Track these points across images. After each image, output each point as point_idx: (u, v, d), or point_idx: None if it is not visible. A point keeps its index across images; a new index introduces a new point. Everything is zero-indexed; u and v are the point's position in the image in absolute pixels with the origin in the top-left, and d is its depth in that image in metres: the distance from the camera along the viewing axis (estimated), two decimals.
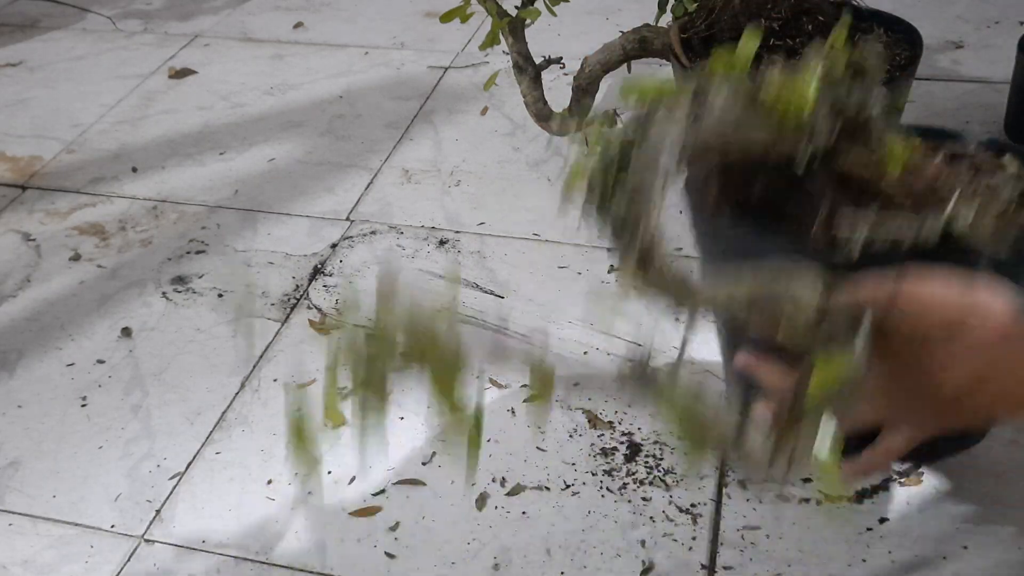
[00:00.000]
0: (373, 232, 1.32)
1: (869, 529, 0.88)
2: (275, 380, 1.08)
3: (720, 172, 0.71)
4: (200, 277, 1.25)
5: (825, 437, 0.53)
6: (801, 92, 0.60)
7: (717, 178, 0.71)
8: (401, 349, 0.54)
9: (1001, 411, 0.55)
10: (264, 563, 0.89)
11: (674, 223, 1.29)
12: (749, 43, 0.64)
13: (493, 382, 1.06)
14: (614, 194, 0.60)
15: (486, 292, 1.20)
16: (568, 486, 0.94)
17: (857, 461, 0.62)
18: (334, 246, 1.30)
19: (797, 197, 0.66)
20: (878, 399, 0.58)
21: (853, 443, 0.63)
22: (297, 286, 1.23)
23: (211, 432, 1.02)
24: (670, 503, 0.92)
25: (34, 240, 1.35)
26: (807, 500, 0.91)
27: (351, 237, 1.31)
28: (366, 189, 1.42)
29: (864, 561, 0.85)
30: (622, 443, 0.98)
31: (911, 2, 1.74)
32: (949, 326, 0.54)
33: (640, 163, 0.58)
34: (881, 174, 0.64)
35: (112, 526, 0.93)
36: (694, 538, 0.88)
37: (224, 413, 1.05)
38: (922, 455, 0.87)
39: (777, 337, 0.57)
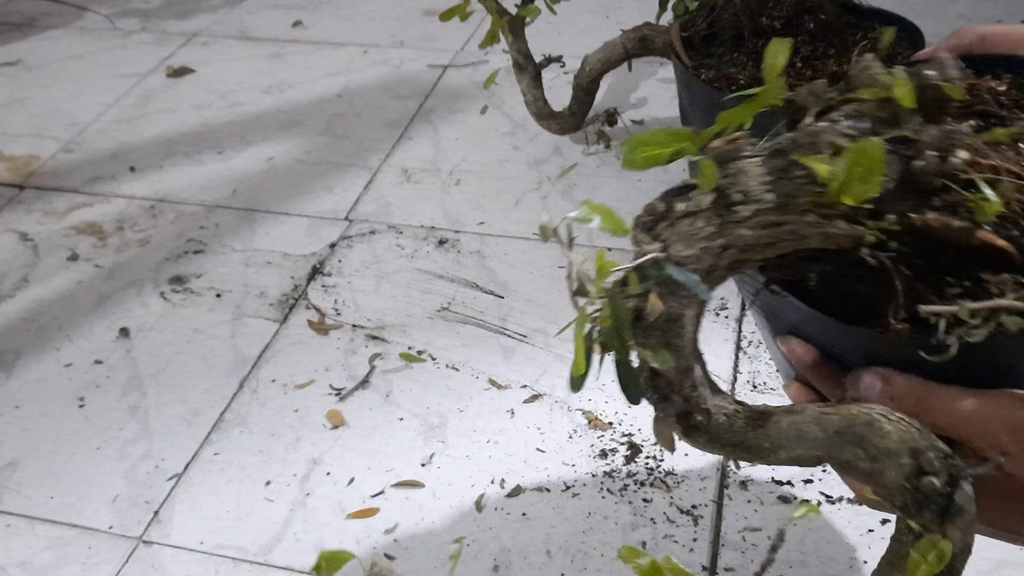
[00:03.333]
0: (372, 232, 1.32)
1: (871, 530, 0.88)
2: (273, 381, 1.08)
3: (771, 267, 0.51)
4: (198, 277, 1.25)
5: None
6: (869, 156, 0.42)
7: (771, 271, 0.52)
8: None
9: None
10: (263, 564, 0.88)
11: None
12: (778, 56, 0.45)
13: (493, 382, 1.06)
14: (633, 340, 0.45)
15: (486, 292, 1.19)
16: (568, 487, 0.94)
17: None
18: (333, 246, 1.29)
19: (866, 273, 0.47)
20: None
21: None
22: (295, 286, 1.22)
23: (209, 433, 1.02)
24: (671, 504, 0.91)
25: (31, 240, 1.35)
26: (808, 501, 0.90)
27: (350, 237, 1.31)
28: (365, 188, 1.42)
29: (866, 563, 0.85)
30: (622, 444, 0.97)
31: (913, 1, 1.73)
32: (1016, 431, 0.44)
33: (651, 300, 0.44)
34: (974, 229, 0.45)
35: (110, 527, 0.93)
36: (695, 539, 0.88)
37: (222, 414, 1.04)
38: None
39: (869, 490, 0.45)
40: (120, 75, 1.79)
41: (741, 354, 1.07)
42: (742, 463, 0.48)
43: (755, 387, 1.03)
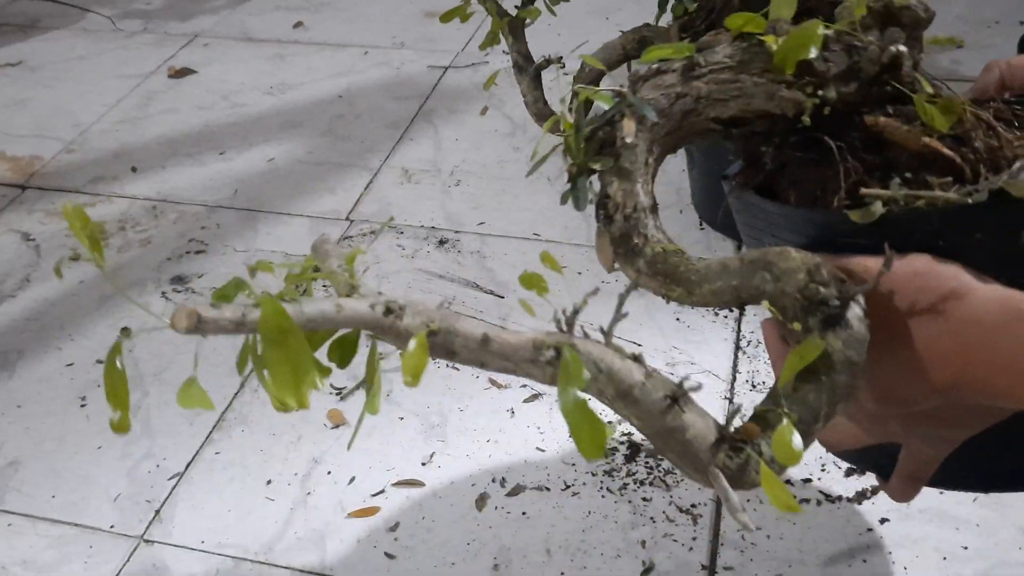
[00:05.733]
0: (373, 232, 1.32)
1: (870, 530, 0.88)
2: None
3: (746, 160, 0.60)
4: (200, 277, 1.25)
5: (787, 434, 0.46)
6: (807, 32, 0.51)
7: (743, 169, 0.61)
8: None
9: (999, 398, 0.50)
10: (263, 563, 0.89)
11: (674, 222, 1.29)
12: (782, 8, 0.54)
13: (492, 382, 1.06)
14: (594, 160, 0.53)
15: (486, 292, 1.19)
16: (568, 486, 0.94)
17: (891, 487, 0.59)
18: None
19: (821, 165, 0.55)
20: (861, 410, 0.54)
21: (887, 462, 0.59)
22: (296, 286, 1.22)
23: (211, 432, 1.02)
24: (670, 503, 0.91)
25: (34, 240, 1.35)
26: (807, 500, 0.91)
27: (351, 237, 1.31)
28: (366, 189, 1.42)
29: (864, 562, 0.85)
30: (622, 443, 0.98)
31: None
32: (940, 298, 0.49)
33: (624, 122, 0.52)
34: (920, 135, 0.52)
35: (111, 526, 0.93)
36: (694, 538, 0.88)
37: (223, 413, 1.05)
38: (979, 480, 0.71)
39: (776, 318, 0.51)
40: (122, 76, 1.80)
41: (740, 353, 1.08)
42: (670, 299, 0.52)
43: (754, 386, 1.03)
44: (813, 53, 0.51)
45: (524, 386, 1.05)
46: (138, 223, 1.38)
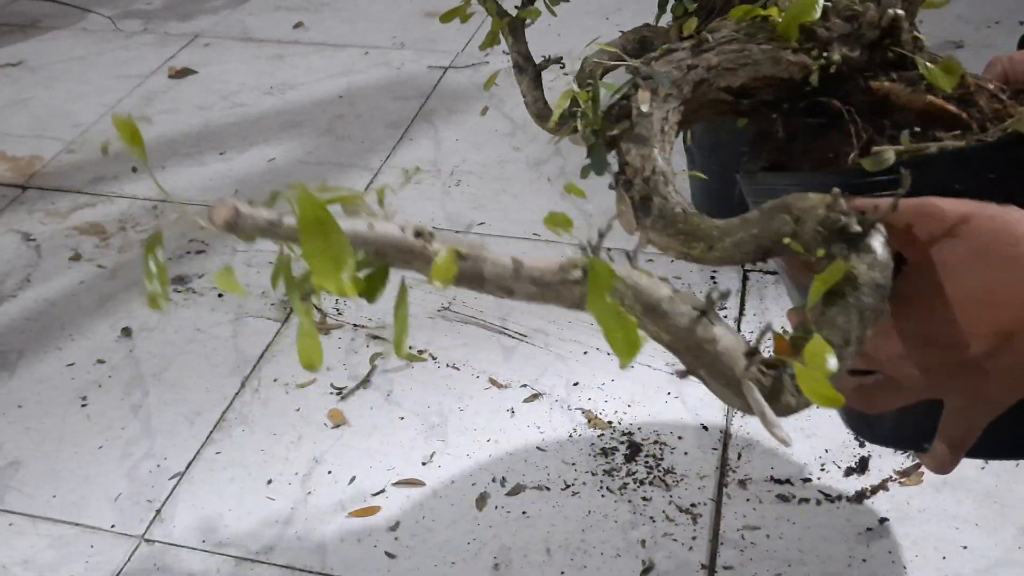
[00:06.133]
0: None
1: (869, 529, 0.88)
2: (275, 380, 1.08)
3: (754, 140, 0.62)
4: (200, 277, 1.25)
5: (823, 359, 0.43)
6: (808, 0, 0.54)
7: (752, 148, 0.63)
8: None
9: None
10: (264, 563, 0.89)
11: None
12: None
13: (493, 382, 1.06)
14: (611, 126, 0.54)
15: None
16: (568, 486, 0.94)
17: (933, 456, 0.56)
18: None
19: (830, 131, 0.57)
20: (903, 364, 0.51)
21: (926, 428, 0.56)
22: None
23: (211, 432, 1.02)
24: (670, 503, 0.92)
25: (34, 240, 1.35)
26: (807, 500, 0.91)
27: None
28: (366, 189, 1.42)
29: (864, 561, 0.85)
30: (622, 443, 0.98)
31: None
32: (982, 246, 0.47)
33: (639, 92, 0.54)
34: (925, 95, 0.55)
35: (112, 526, 0.93)
36: (694, 538, 0.88)
37: (224, 413, 1.05)
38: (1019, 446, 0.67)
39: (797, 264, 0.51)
40: (122, 76, 1.80)
41: None
42: (691, 258, 0.53)
43: None
44: (817, 13, 0.53)
45: (524, 386, 1.05)
46: (138, 223, 1.38)
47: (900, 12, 0.56)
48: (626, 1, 1.93)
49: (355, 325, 1.16)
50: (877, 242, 0.48)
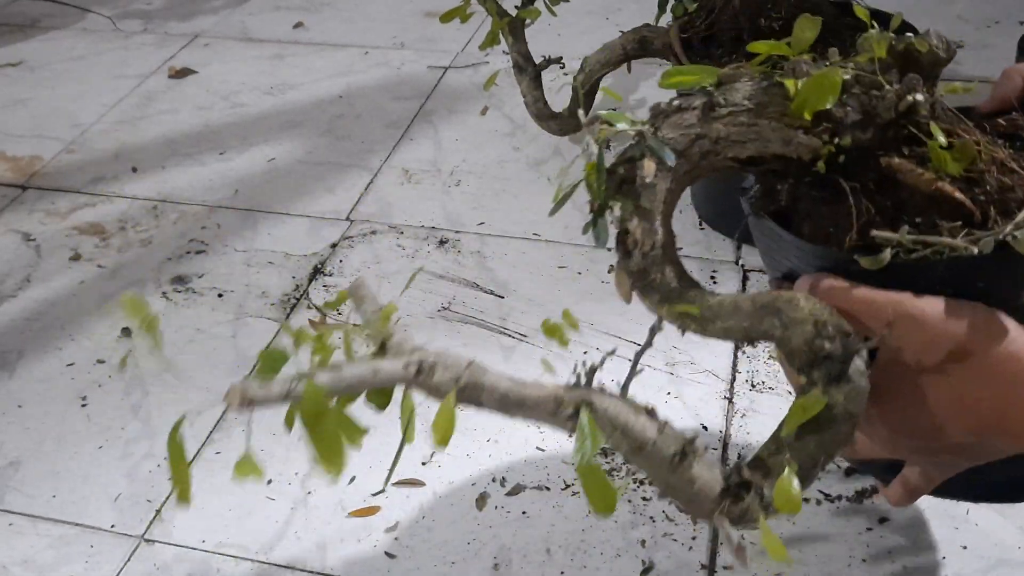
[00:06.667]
0: (373, 232, 1.32)
1: (869, 529, 0.88)
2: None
3: (764, 183, 0.61)
4: (200, 277, 1.25)
5: (790, 479, 0.49)
6: (827, 80, 0.52)
7: (762, 188, 0.62)
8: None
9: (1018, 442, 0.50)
10: (264, 563, 0.89)
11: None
12: (806, 31, 0.55)
13: None
14: (613, 196, 0.54)
15: (486, 292, 1.20)
16: (568, 486, 0.94)
17: (890, 490, 0.61)
18: (334, 246, 1.30)
19: (836, 202, 0.56)
20: (875, 433, 0.55)
21: (884, 467, 0.60)
22: (297, 286, 1.23)
23: (211, 432, 1.02)
24: (670, 503, 0.92)
25: (34, 240, 1.35)
26: (807, 500, 0.91)
27: (351, 237, 1.31)
28: (366, 189, 1.42)
29: (864, 561, 0.85)
30: None
31: (911, 2, 1.74)
32: (960, 351, 0.49)
33: (645, 163, 0.53)
34: (932, 179, 0.53)
35: (112, 526, 0.93)
36: (694, 538, 0.88)
37: (224, 413, 1.05)
38: (977, 493, 0.74)
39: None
40: (122, 76, 1.80)
41: (740, 353, 1.08)
42: (685, 331, 0.55)
43: (753, 386, 1.03)
44: (831, 103, 0.52)
45: None
46: (138, 223, 1.38)
47: (920, 98, 0.54)
48: (626, 1, 1.93)
49: (355, 325, 1.15)
50: (856, 370, 0.50)
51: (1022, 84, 0.63)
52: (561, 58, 1.38)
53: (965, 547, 0.86)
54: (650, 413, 0.50)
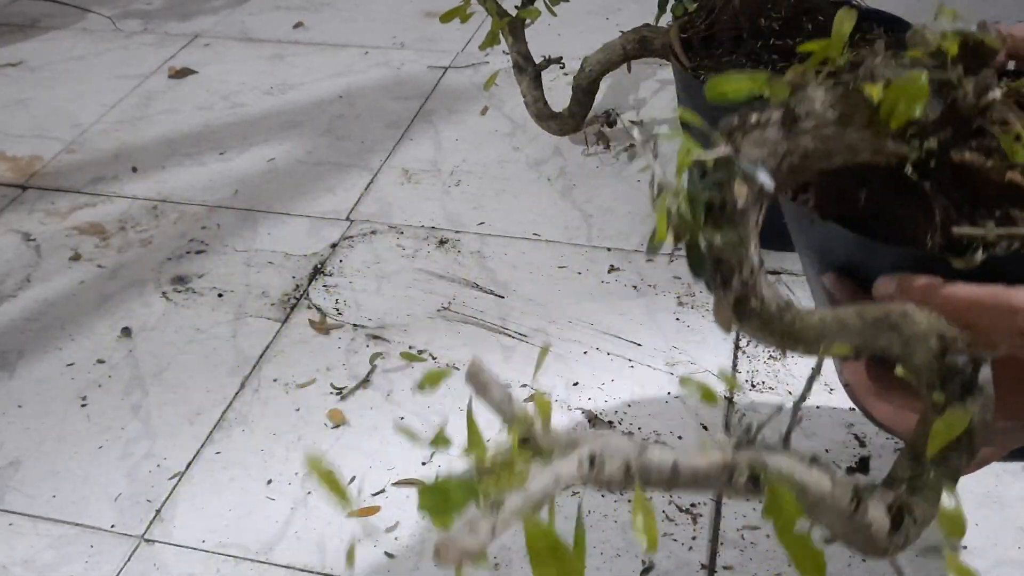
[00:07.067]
0: (373, 232, 1.32)
1: None
2: (275, 380, 1.08)
3: (820, 182, 0.61)
4: (200, 277, 1.25)
5: (946, 491, 0.49)
6: (913, 85, 0.50)
7: (817, 188, 0.61)
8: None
9: None
10: (264, 563, 0.89)
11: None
12: (845, 24, 0.54)
13: None
14: (704, 228, 0.51)
15: (486, 292, 1.20)
16: (568, 486, 0.94)
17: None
18: (334, 246, 1.30)
19: (909, 201, 0.56)
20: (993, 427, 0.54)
21: None
22: (297, 286, 1.23)
23: (211, 432, 1.02)
24: (670, 503, 0.92)
25: (34, 240, 1.35)
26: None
27: (351, 237, 1.31)
28: (366, 189, 1.42)
29: (864, 561, 0.85)
30: None
31: (911, 2, 1.74)
32: None
33: (733, 187, 0.51)
34: (1005, 170, 0.53)
35: (112, 526, 0.93)
36: (694, 538, 0.88)
37: (224, 413, 1.05)
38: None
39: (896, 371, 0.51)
40: (122, 76, 1.80)
41: (740, 353, 1.08)
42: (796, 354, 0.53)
43: (753, 386, 1.03)
44: (920, 111, 0.51)
45: (524, 386, 1.05)
46: (138, 223, 1.38)
47: (997, 96, 0.54)
48: (626, 1, 1.93)
49: (355, 325, 1.16)
50: (985, 380, 0.49)
51: (1004, 51, 0.63)
52: (561, 58, 1.38)
53: (965, 547, 0.86)
54: (815, 462, 0.49)
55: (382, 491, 0.95)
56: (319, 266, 1.26)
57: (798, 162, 0.53)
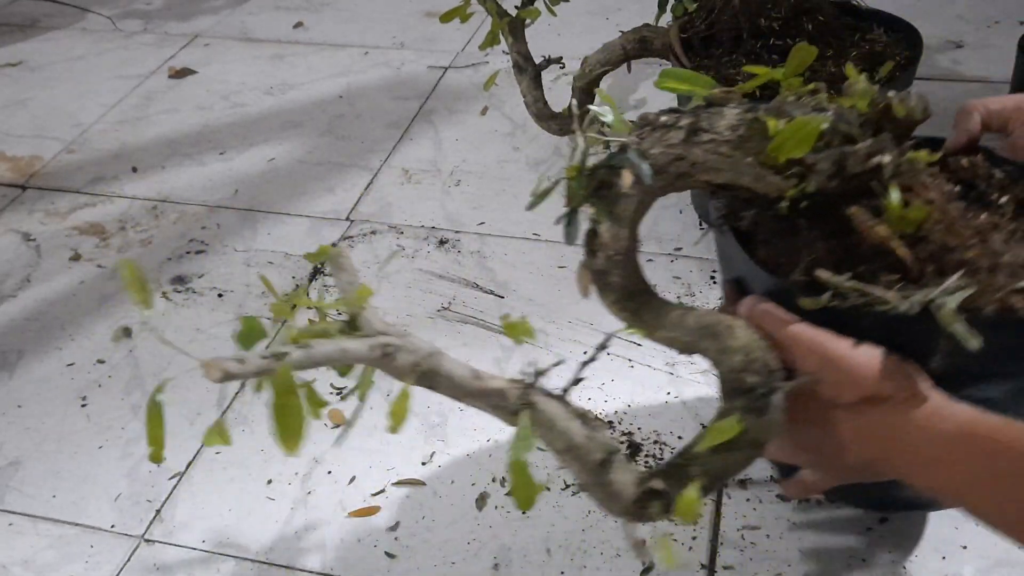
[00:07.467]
0: (373, 232, 1.32)
1: (869, 529, 0.88)
2: None
3: (729, 195, 0.65)
4: (200, 277, 1.25)
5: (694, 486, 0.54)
6: (805, 129, 0.54)
7: (727, 200, 0.66)
8: None
9: (899, 477, 0.56)
10: (264, 563, 0.89)
11: (673, 222, 1.29)
12: (800, 59, 0.58)
13: None
14: (590, 198, 0.58)
15: (486, 292, 1.20)
16: (568, 485, 0.94)
17: (787, 484, 0.67)
18: (334, 246, 1.30)
19: (788, 233, 0.60)
20: (783, 444, 0.60)
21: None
22: (297, 286, 1.23)
23: None
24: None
25: (34, 240, 1.35)
26: (807, 500, 0.91)
27: (351, 237, 1.31)
28: (366, 189, 1.42)
29: (864, 561, 0.85)
30: (622, 443, 0.98)
31: (911, 2, 1.74)
32: (879, 397, 0.54)
33: (624, 174, 0.56)
34: (882, 232, 0.56)
35: (112, 526, 0.93)
36: (694, 538, 0.88)
37: (224, 413, 1.05)
38: (856, 501, 0.88)
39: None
40: (122, 76, 1.80)
41: None
42: (632, 331, 0.61)
43: None
44: (804, 153, 0.54)
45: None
46: (138, 223, 1.38)
47: (886, 160, 0.56)
48: (626, 1, 1.93)
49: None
50: (775, 406, 0.54)
51: (980, 121, 0.67)
52: (561, 58, 1.38)
53: (965, 547, 0.86)
54: (584, 418, 0.55)
55: (382, 491, 0.95)
56: (319, 266, 1.26)
57: (687, 168, 0.57)
